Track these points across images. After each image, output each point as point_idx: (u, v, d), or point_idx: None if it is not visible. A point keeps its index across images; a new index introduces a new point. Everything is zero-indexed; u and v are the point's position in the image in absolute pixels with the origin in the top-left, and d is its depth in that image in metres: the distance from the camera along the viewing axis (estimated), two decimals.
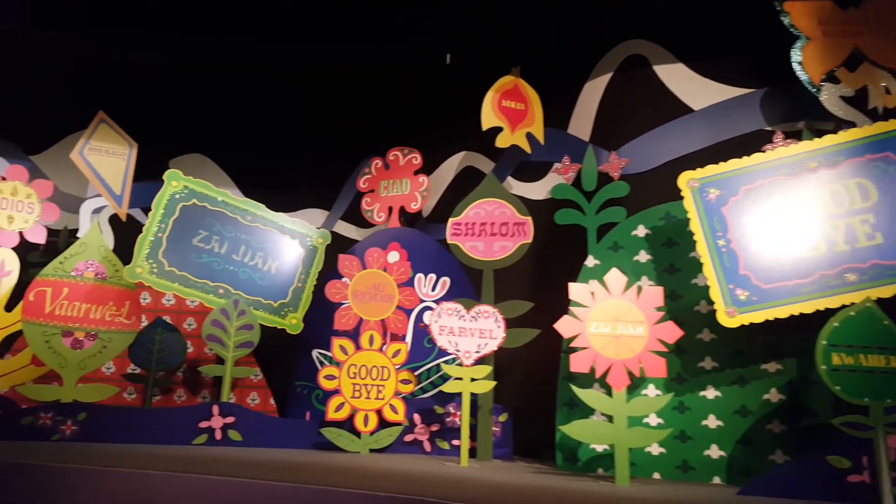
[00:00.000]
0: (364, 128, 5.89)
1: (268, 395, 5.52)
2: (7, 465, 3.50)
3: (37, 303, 4.53)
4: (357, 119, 5.92)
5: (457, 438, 4.28)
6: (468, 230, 4.35)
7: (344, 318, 4.34)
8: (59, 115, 5.94)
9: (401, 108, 5.68)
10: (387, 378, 4.28)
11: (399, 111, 5.69)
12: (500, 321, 3.91)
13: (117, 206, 5.28)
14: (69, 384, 4.47)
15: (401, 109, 5.68)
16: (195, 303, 5.67)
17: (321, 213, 6.06)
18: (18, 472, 3.45)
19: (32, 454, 3.57)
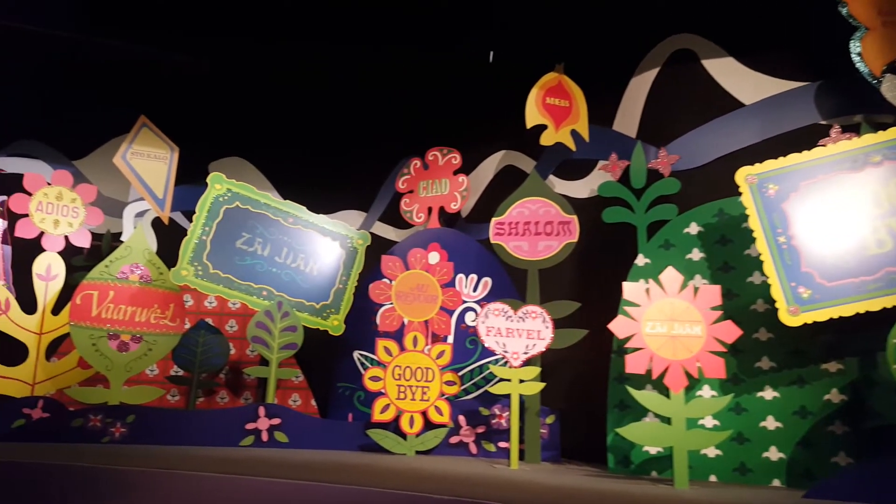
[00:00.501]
0: (402, 128, 5.88)
1: (309, 396, 5.53)
2: (61, 468, 3.55)
3: (83, 306, 4.58)
4: (394, 120, 5.91)
5: (503, 440, 4.24)
6: (512, 230, 4.30)
7: (388, 320, 4.32)
8: (100, 120, 6.03)
9: (439, 108, 5.65)
10: (431, 379, 4.25)
11: (437, 111, 5.67)
12: (548, 322, 3.85)
13: (160, 209, 5.33)
14: (115, 386, 4.52)
15: (439, 109, 5.65)
16: (237, 305, 5.72)
17: (359, 214, 6.06)
18: (73, 474, 3.49)
19: (85, 456, 3.61)
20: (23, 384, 4.75)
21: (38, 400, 4.63)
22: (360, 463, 3.73)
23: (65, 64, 5.78)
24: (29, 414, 4.56)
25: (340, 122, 6.10)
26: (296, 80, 6.01)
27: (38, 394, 4.76)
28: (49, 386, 4.87)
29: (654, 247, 3.91)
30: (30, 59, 5.69)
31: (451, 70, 5.51)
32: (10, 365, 4.75)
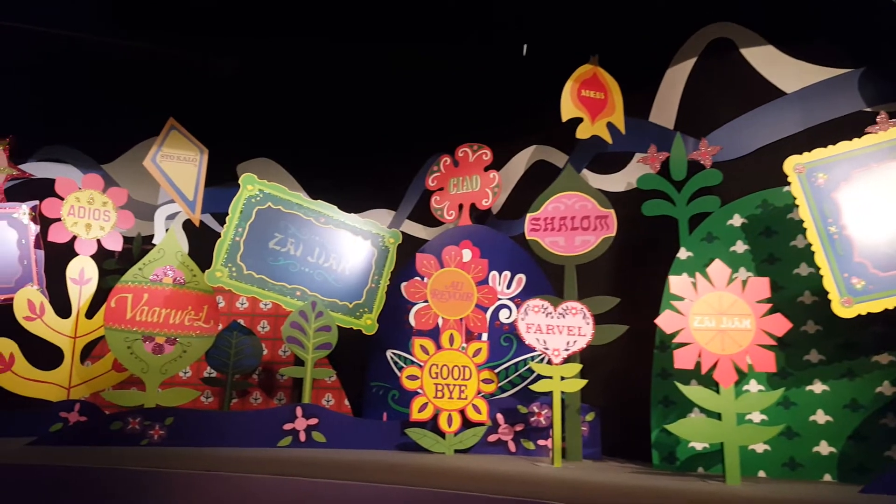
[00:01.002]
0: (430, 125, 5.84)
1: (343, 396, 5.52)
2: (104, 471, 3.55)
3: (118, 309, 4.59)
4: (423, 117, 5.88)
5: (542, 438, 4.20)
6: (547, 225, 4.25)
7: (423, 318, 4.29)
8: (127, 124, 6.05)
9: (468, 104, 5.61)
10: (468, 378, 4.21)
11: (466, 107, 5.63)
12: (589, 318, 3.79)
13: (191, 211, 5.34)
14: (151, 389, 4.52)
15: (468, 105, 5.61)
16: (268, 305, 5.72)
17: (388, 212, 6.04)
18: (115, 477, 3.49)
19: (125, 459, 3.61)
20: (59, 388, 4.78)
21: (74, 403, 4.66)
22: (399, 462, 3.70)
23: (91, 68, 5.80)
24: (66, 417, 4.60)
25: (367, 121, 6.08)
26: (321, 79, 5.99)
27: (74, 397, 4.78)
28: (84, 389, 4.90)
29: (697, 240, 3.84)
30: (56, 63, 5.72)
31: (480, 65, 5.46)
32: (46, 369, 4.77)
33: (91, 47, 5.57)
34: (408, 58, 5.67)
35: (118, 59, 5.77)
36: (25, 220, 5.08)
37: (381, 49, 5.60)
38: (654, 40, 4.45)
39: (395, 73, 5.72)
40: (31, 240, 5.06)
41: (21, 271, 4.97)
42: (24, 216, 5.08)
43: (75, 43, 5.46)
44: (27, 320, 4.69)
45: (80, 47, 5.56)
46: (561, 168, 5.11)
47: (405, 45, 5.55)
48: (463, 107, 5.67)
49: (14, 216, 5.04)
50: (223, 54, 5.48)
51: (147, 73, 5.84)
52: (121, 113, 6.00)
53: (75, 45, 5.50)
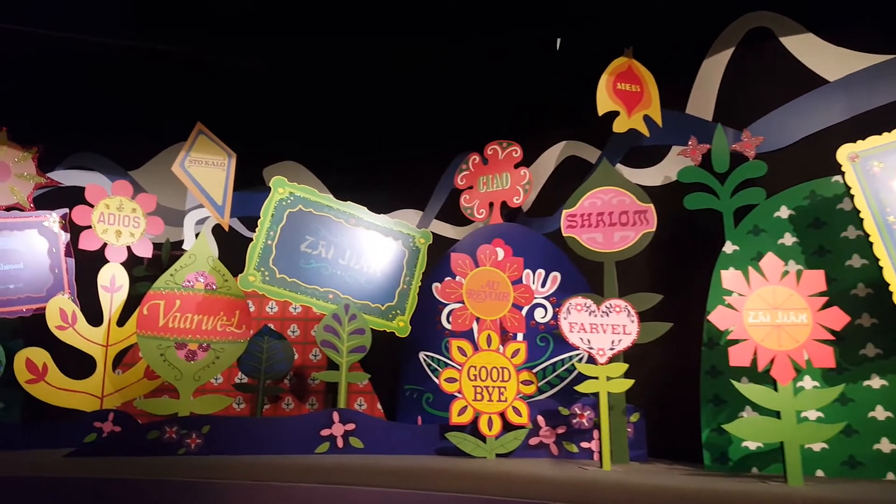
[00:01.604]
0: (456, 123, 5.77)
1: (375, 400, 5.45)
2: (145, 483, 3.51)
3: (150, 316, 4.55)
4: (448, 115, 5.81)
5: (585, 440, 4.10)
6: (584, 221, 4.15)
7: (459, 319, 4.21)
8: (152, 129, 6.04)
9: (493, 101, 5.54)
10: (507, 379, 4.12)
11: (492, 104, 5.55)
12: (634, 315, 3.70)
13: (220, 216, 5.30)
14: (185, 397, 4.49)
15: (494, 102, 5.53)
16: (298, 309, 5.67)
17: (415, 213, 5.96)
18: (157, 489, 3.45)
19: (164, 469, 3.57)
20: (92, 397, 4.75)
21: (108, 413, 4.64)
22: (441, 467, 3.63)
23: (116, 74, 5.79)
24: (100, 427, 4.57)
25: (392, 121, 6.02)
26: (344, 80, 5.94)
27: (107, 406, 4.76)
28: (117, 398, 4.87)
29: (743, 233, 3.73)
30: (81, 69, 5.71)
31: (507, 62, 5.39)
32: (79, 378, 4.75)
33: (114, 53, 5.55)
34: (432, 55, 5.60)
35: (141, 65, 5.75)
36: (56, 229, 5.06)
37: (406, 46, 5.52)
38: (688, 31, 4.34)
39: (419, 71, 5.64)
40: (62, 248, 5.04)
41: (52, 280, 4.95)
42: (55, 224, 5.07)
43: (98, 49, 5.43)
44: (59, 329, 4.67)
45: (104, 53, 5.54)
46: (593, 164, 5.03)
47: (430, 42, 5.48)
48: (489, 104, 5.59)
49: (45, 224, 5.03)
50: (250, 56, 5.43)
51: (171, 77, 5.82)
52: (146, 119, 5.99)
53: (98, 51, 5.48)
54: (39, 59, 5.53)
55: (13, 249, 4.88)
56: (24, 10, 5.02)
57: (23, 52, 5.47)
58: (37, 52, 5.47)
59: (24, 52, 5.48)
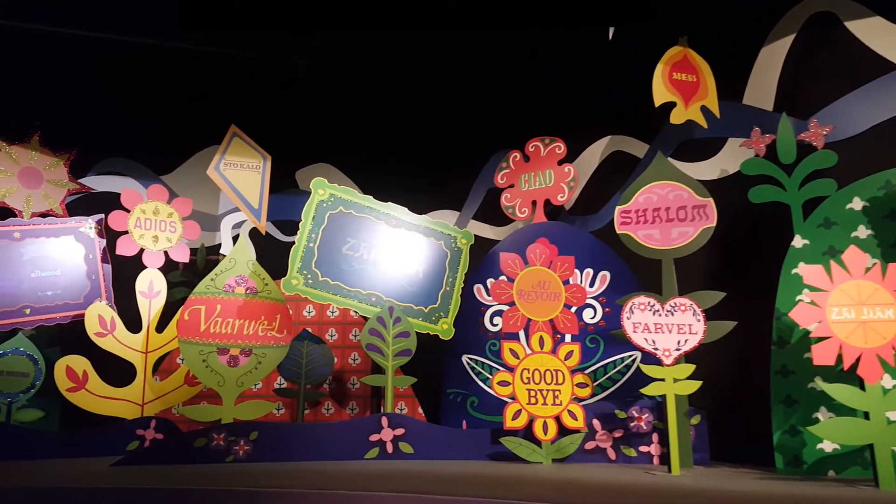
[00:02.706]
0: (491, 122, 5.65)
1: (416, 404, 5.33)
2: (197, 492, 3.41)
3: (192, 321, 4.46)
4: (482, 113, 5.69)
5: (644, 444, 3.96)
6: (639, 217, 4.01)
7: (511, 320, 4.08)
8: (183, 134, 5.96)
9: (532, 97, 5.41)
10: (562, 382, 3.99)
11: (530, 100, 5.43)
12: (699, 314, 3.55)
13: (256, 219, 5.21)
14: (228, 403, 4.39)
15: (532, 98, 5.41)
16: (335, 313, 5.57)
17: (451, 213, 5.84)
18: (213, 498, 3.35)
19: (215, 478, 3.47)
20: (132, 405, 4.67)
21: (150, 420, 4.55)
22: (499, 473, 3.50)
23: (146, 78, 5.72)
24: (142, 435, 4.49)
25: (426, 121, 5.91)
26: (376, 80, 5.84)
27: (148, 414, 4.67)
28: (158, 405, 4.78)
29: (813, 226, 3.56)
30: (112, 74, 5.65)
31: (544, 56, 5.26)
32: (119, 385, 4.66)
33: (147, 55, 5.48)
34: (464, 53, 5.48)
35: (172, 69, 5.68)
36: (92, 235, 4.99)
37: (440, 41, 5.39)
38: (743, 20, 4.18)
39: (452, 69, 5.52)
40: (99, 254, 4.97)
41: (89, 286, 4.88)
42: (91, 230, 5.00)
43: (132, 50, 5.36)
44: (98, 336, 4.59)
45: (135, 56, 5.47)
46: (641, 158, 4.88)
47: (463, 38, 5.35)
48: (527, 100, 5.47)
49: (81, 230, 4.96)
50: (286, 55, 5.33)
51: (200, 81, 5.74)
52: (176, 123, 5.92)
53: (130, 54, 5.41)
54: (69, 64, 5.47)
55: (50, 256, 4.82)
56: (58, 12, 4.95)
57: (53, 56, 5.41)
58: (67, 55, 5.41)
59: (55, 56, 5.42)
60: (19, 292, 4.64)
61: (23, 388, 4.50)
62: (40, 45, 5.25)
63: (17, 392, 4.48)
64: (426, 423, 4.24)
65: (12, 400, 4.46)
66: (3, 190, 5.06)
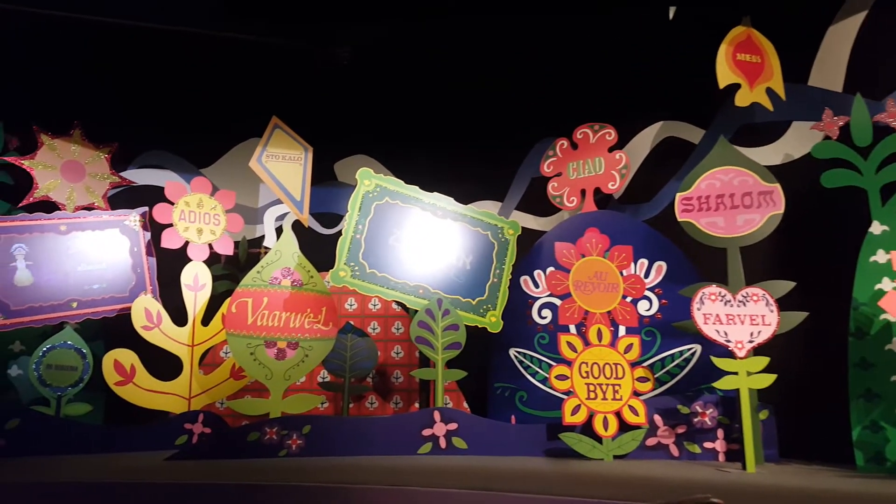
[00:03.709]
0: (534, 109, 5.50)
1: (460, 398, 5.23)
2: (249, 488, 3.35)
3: (239, 314, 4.41)
4: (525, 101, 5.54)
5: (709, 441, 3.82)
6: (702, 205, 3.86)
7: (568, 312, 3.96)
8: (222, 127, 5.90)
9: (576, 83, 5.25)
10: (622, 376, 3.86)
11: (574, 86, 5.26)
12: (773, 304, 3.39)
13: (299, 211, 5.14)
14: (276, 396, 4.33)
15: (577, 84, 5.25)
16: (377, 306, 5.49)
17: (493, 204, 5.71)
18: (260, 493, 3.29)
19: (269, 472, 3.42)
20: (180, 399, 4.63)
21: (197, 414, 4.52)
22: (559, 470, 3.40)
23: (185, 71, 5.66)
24: (190, 429, 4.45)
25: (464, 110, 5.76)
26: (415, 68, 5.71)
27: (195, 408, 4.64)
28: (204, 399, 4.74)
29: (893, 211, 3.39)
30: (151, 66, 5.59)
31: (590, 39, 5.10)
32: (165, 379, 4.63)
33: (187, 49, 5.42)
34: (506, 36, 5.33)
35: (212, 62, 5.61)
36: (137, 228, 4.96)
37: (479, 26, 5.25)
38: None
39: (491, 55, 5.37)
40: (143, 247, 4.94)
41: (135, 279, 4.85)
42: (136, 223, 4.97)
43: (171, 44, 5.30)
44: (145, 329, 4.56)
45: (176, 49, 5.41)
46: (696, 144, 4.71)
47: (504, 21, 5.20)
48: (572, 86, 5.30)
49: (126, 223, 4.93)
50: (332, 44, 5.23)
51: (241, 73, 5.67)
52: (214, 116, 5.86)
53: (170, 47, 5.35)
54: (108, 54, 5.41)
55: (95, 249, 4.79)
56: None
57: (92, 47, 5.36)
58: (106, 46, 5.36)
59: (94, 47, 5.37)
60: (66, 286, 4.63)
61: (71, 381, 4.48)
62: (80, 36, 5.21)
63: (65, 386, 4.46)
64: (479, 417, 4.13)
65: (61, 394, 4.44)
66: (47, 184, 5.04)
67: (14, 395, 4.87)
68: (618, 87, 5.05)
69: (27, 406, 4.43)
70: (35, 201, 4.96)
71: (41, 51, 5.37)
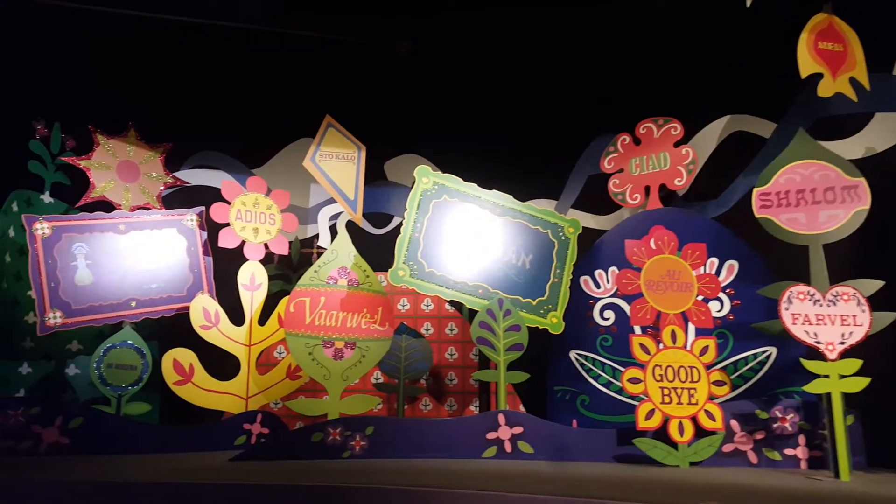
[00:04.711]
0: (590, 104, 5.35)
1: (517, 401, 5.11)
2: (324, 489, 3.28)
3: (297, 313, 4.37)
4: (580, 96, 5.40)
5: (789, 447, 3.64)
6: (781, 200, 3.69)
7: (640, 313, 3.82)
8: (273, 128, 5.88)
9: (636, 76, 5.10)
10: (697, 380, 3.70)
11: (634, 79, 5.11)
12: (864, 304, 3.22)
13: (352, 211, 5.08)
14: (334, 397, 4.28)
15: (636, 78, 5.09)
16: (430, 306, 5.41)
17: (548, 202, 5.56)
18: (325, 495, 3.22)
19: (332, 474, 3.36)
20: (237, 398, 4.60)
21: (256, 414, 4.48)
22: (636, 476, 3.26)
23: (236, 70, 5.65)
24: (249, 430, 4.42)
25: (516, 106, 5.65)
26: (464, 63, 5.61)
27: (252, 408, 4.60)
28: (261, 399, 4.71)
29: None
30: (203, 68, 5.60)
31: (648, 30, 4.94)
32: (223, 379, 4.60)
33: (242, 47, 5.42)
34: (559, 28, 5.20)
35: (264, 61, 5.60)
36: (193, 227, 4.96)
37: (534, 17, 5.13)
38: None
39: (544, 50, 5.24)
40: (200, 247, 4.93)
41: (192, 279, 4.85)
42: (192, 223, 4.96)
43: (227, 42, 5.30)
44: (203, 329, 4.54)
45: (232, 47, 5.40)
46: (767, 138, 4.53)
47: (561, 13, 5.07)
48: (629, 81, 5.15)
49: (183, 223, 4.93)
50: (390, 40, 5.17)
51: (294, 73, 5.64)
52: (265, 116, 5.84)
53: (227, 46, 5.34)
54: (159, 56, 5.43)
55: (153, 249, 4.79)
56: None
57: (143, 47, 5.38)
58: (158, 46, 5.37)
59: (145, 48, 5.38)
60: (125, 285, 4.63)
61: (131, 381, 4.48)
62: (133, 33, 5.23)
63: (125, 385, 4.46)
64: (546, 421, 4.01)
65: (121, 393, 4.44)
66: (103, 184, 5.07)
67: (71, 394, 4.90)
68: (681, 81, 4.88)
69: (87, 405, 4.44)
70: (91, 201, 4.98)
71: (95, 51, 5.39)
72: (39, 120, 5.17)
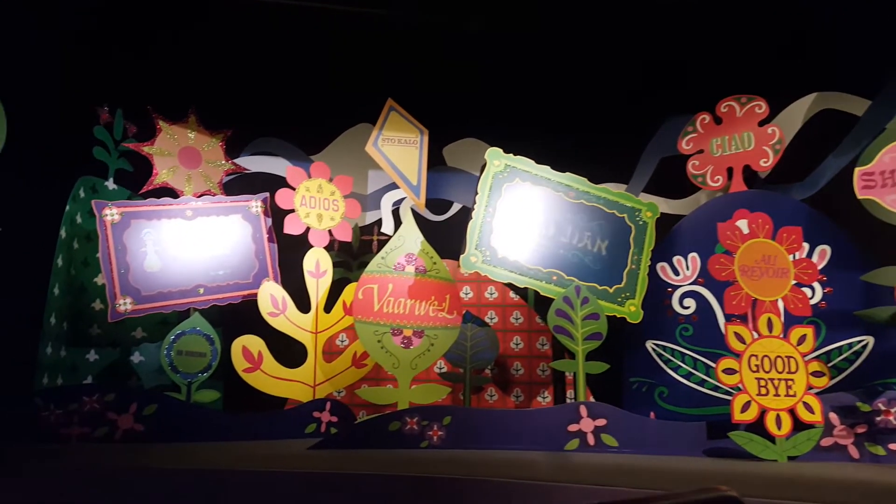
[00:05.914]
0: (659, 82, 5.14)
1: (587, 393, 4.93)
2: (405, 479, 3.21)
3: (365, 301, 4.28)
4: (650, 74, 5.19)
5: (894, 442, 3.42)
6: (886, 180, 3.46)
7: (735, 300, 3.62)
8: (329, 113, 5.80)
9: (710, 54, 4.86)
10: (795, 370, 3.50)
11: (708, 57, 4.88)
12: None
13: (415, 196, 4.96)
14: (403, 386, 4.19)
15: (711, 55, 4.86)
16: (494, 294, 5.28)
17: (616, 186, 5.36)
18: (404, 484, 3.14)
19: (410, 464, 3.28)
20: (305, 386, 4.53)
21: (325, 402, 4.42)
22: (737, 470, 3.10)
23: (293, 54, 5.55)
24: (319, 418, 4.36)
25: (582, 88, 5.45)
26: (529, 45, 5.42)
27: (319, 396, 4.53)
28: (327, 387, 4.64)
29: None
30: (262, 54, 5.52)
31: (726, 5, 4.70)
32: (291, 367, 4.54)
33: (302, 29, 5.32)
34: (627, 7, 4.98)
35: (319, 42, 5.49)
36: (258, 213, 4.90)
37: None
38: None
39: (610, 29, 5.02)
40: (265, 233, 4.87)
41: (258, 266, 4.79)
42: (258, 209, 4.91)
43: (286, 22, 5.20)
44: (271, 316, 4.47)
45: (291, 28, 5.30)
46: (860, 116, 4.27)
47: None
48: (705, 58, 4.92)
49: (248, 209, 4.88)
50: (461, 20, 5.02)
51: (352, 55, 5.53)
52: (323, 101, 5.75)
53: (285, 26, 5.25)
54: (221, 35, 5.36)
55: (219, 235, 4.74)
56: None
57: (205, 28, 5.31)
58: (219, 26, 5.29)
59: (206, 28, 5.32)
60: (192, 271, 4.59)
61: (200, 368, 4.45)
62: (192, 17, 5.17)
63: (195, 372, 4.43)
64: (630, 413, 3.85)
65: (191, 380, 4.41)
66: (166, 171, 5.02)
67: (136, 381, 4.90)
68: (762, 58, 4.64)
69: (159, 392, 4.42)
70: (154, 188, 4.95)
71: (155, 34, 5.34)
72: (103, 106, 5.15)
